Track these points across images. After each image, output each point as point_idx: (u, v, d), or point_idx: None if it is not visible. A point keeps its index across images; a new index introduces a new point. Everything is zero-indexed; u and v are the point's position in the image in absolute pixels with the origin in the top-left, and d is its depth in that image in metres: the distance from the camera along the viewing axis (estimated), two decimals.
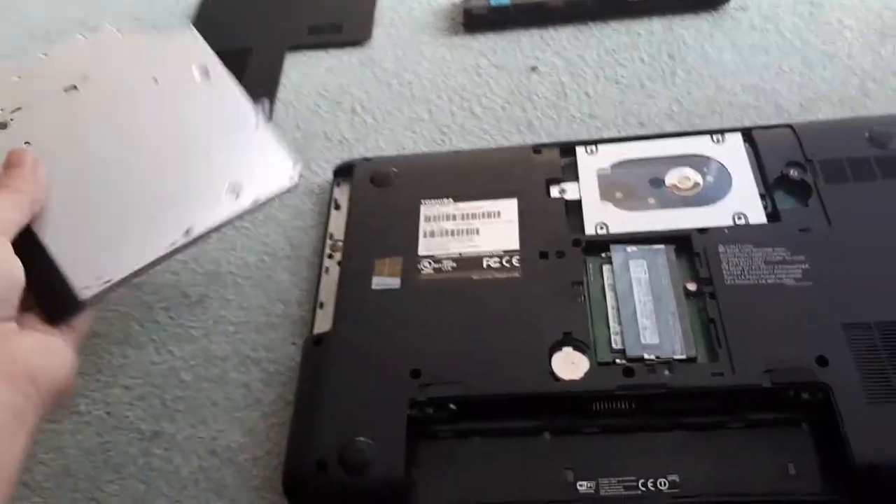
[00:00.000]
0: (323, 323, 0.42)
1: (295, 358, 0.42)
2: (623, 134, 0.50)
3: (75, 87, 0.38)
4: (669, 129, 0.50)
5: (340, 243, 0.45)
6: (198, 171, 0.37)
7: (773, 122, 0.49)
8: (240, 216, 0.37)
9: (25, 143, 0.36)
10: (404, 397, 0.37)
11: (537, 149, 0.47)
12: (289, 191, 0.37)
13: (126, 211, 0.36)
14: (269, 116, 0.41)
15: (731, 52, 0.53)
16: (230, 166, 0.37)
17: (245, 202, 0.36)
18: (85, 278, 0.34)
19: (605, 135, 0.50)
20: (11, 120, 0.37)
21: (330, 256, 0.45)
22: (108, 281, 0.34)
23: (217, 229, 0.36)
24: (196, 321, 0.45)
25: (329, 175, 0.50)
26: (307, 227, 0.48)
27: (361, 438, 0.36)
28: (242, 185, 0.36)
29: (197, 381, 0.42)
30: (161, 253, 0.35)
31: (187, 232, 0.35)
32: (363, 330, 0.40)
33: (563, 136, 0.51)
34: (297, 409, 0.38)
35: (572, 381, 0.37)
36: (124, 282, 0.35)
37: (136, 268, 0.35)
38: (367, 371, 0.38)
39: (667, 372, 0.36)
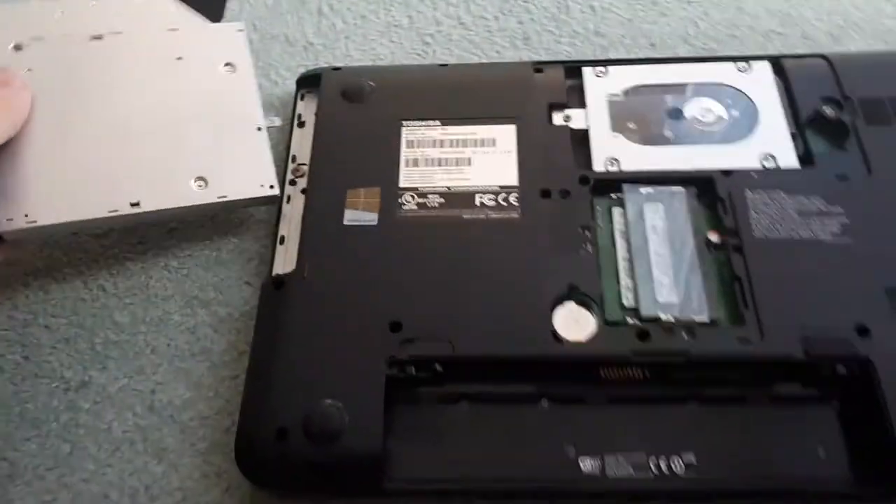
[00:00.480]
0: (284, 262, 0.35)
1: (250, 301, 0.36)
2: (632, 56, 0.44)
3: (100, 38, 0.38)
4: (684, 53, 0.44)
5: (305, 168, 0.38)
6: (175, 151, 0.36)
7: (799, 51, 0.43)
8: (205, 210, 0.36)
9: (28, 69, 0.37)
10: (382, 354, 0.31)
11: (538, 67, 0.40)
12: (267, 202, 0.37)
13: (86, 164, 0.35)
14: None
15: None
16: (210, 157, 0.37)
17: (209, 195, 0.36)
18: (12, 211, 0.34)
19: (613, 55, 0.44)
20: (29, 45, 0.37)
21: (293, 183, 0.38)
22: (33, 221, 0.34)
23: (175, 214, 0.36)
24: (132, 252, 0.38)
25: (290, 86, 0.43)
26: None
27: (330, 401, 0.30)
28: (215, 178, 0.36)
29: (133, 324, 0.36)
30: (99, 215, 0.34)
31: (136, 204, 0.35)
32: (333, 272, 0.34)
33: (565, 54, 0.44)
34: (253, 364, 0.32)
35: (578, 344, 0.32)
36: (54, 230, 0.35)
37: (67, 220, 0.34)
38: (337, 321, 0.32)
39: (686, 336, 0.32)
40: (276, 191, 0.36)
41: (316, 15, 0.47)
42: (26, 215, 0.33)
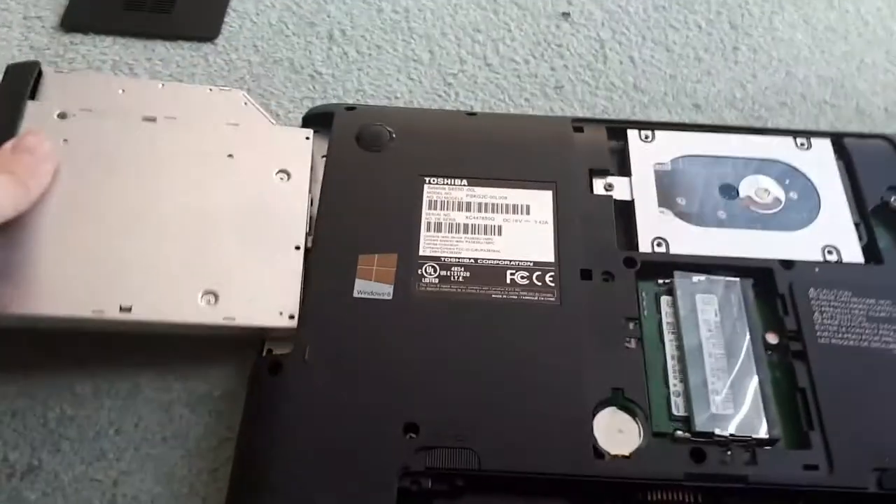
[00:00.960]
0: (280, 340, 0.30)
1: (235, 378, 0.31)
2: (675, 117, 0.40)
3: (153, 120, 0.34)
4: (731, 118, 0.40)
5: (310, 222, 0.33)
6: (193, 256, 0.31)
7: (854, 126, 0.40)
8: (203, 330, 0.30)
9: (64, 139, 0.32)
10: (394, 462, 0.27)
11: (579, 125, 0.36)
12: (282, 334, 0.30)
13: (88, 254, 0.30)
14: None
15: (803, 33, 0.44)
16: (231, 270, 0.31)
17: (215, 315, 0.30)
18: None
19: (654, 115, 0.40)
20: (74, 115, 0.33)
21: None
22: (6, 308, 0.29)
23: (168, 328, 0.30)
24: None
25: (294, 119, 0.38)
26: None
27: None
28: (227, 296, 0.30)
29: (95, 396, 0.30)
30: (82, 314, 0.29)
31: (127, 309, 0.29)
32: (339, 356, 0.29)
33: (601, 108, 0.40)
34: (240, 462, 0.27)
35: (622, 461, 0.28)
36: (26, 321, 0.29)
37: (44, 313, 0.29)
38: (342, 418, 0.27)
39: (746, 458, 0.28)
40: (295, 322, 0.30)
41: (326, 40, 0.42)
42: (11, 301, 0.29)
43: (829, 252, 0.33)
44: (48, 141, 0.31)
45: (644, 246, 0.33)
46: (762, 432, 0.28)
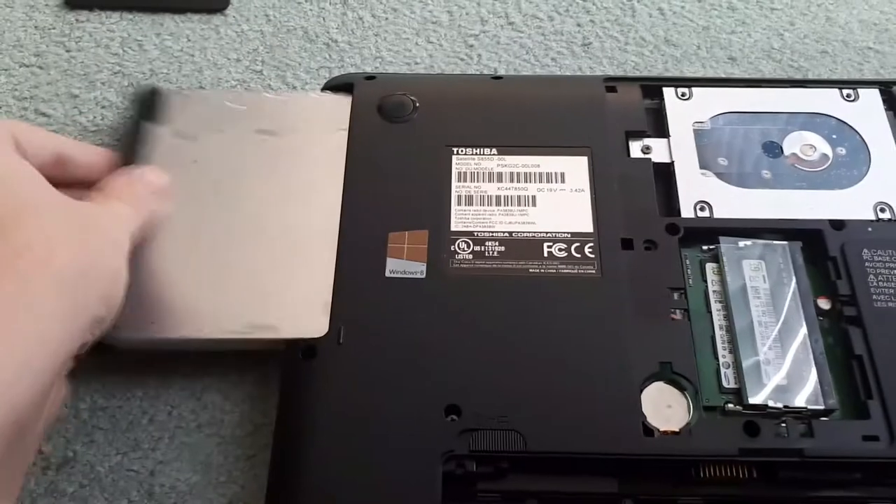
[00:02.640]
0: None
1: (268, 361, 0.30)
2: (709, 72, 0.38)
3: (273, 133, 0.34)
4: (768, 70, 0.39)
5: None
6: (318, 272, 0.30)
7: None
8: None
9: (194, 161, 0.33)
10: (437, 446, 0.26)
11: (611, 85, 0.35)
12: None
13: (225, 270, 0.30)
14: None
15: None
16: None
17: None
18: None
19: (687, 70, 0.38)
20: (197, 136, 0.33)
21: None
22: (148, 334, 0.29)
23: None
24: None
25: (311, 91, 0.37)
26: None
27: None
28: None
29: (127, 386, 0.30)
30: (226, 335, 0.29)
31: (272, 328, 0.29)
32: (374, 338, 0.28)
33: (632, 65, 0.39)
34: (278, 451, 0.27)
35: (672, 437, 0.27)
36: (169, 343, 0.29)
37: (191, 336, 0.29)
38: (380, 402, 0.27)
39: (802, 430, 0.27)
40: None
41: (340, 5, 0.40)
42: (153, 323, 0.29)
43: (882, 210, 0.32)
44: (164, 177, 0.30)
45: (686, 211, 0.31)
46: (817, 403, 0.27)
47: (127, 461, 0.29)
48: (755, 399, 0.27)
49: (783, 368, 0.28)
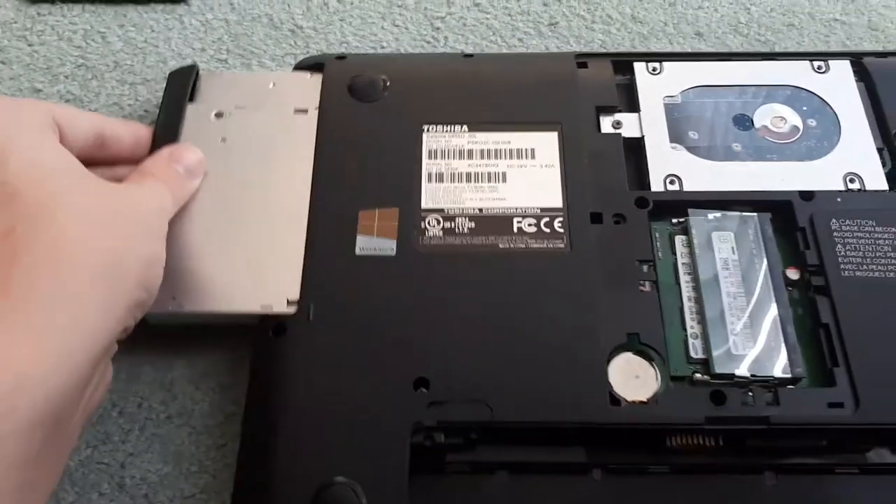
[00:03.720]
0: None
1: (238, 349, 0.31)
2: (676, 47, 0.39)
3: (305, 112, 0.34)
4: (735, 44, 0.39)
5: None
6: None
7: (867, 44, 0.39)
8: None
9: (223, 139, 0.33)
10: (405, 419, 0.27)
11: (582, 61, 0.35)
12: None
13: (253, 246, 0.31)
14: None
15: None
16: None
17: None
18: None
19: (654, 46, 0.39)
20: (230, 114, 0.34)
21: None
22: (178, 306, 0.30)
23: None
24: None
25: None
26: None
27: (343, 479, 0.26)
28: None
29: None
30: (251, 310, 0.30)
31: (294, 303, 0.29)
32: (344, 315, 0.29)
33: (598, 43, 0.39)
34: (248, 432, 0.28)
35: (640, 407, 0.27)
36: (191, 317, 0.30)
37: (216, 310, 0.30)
38: (350, 378, 0.27)
39: (768, 399, 0.28)
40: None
41: None
42: (174, 298, 0.29)
43: (852, 180, 0.32)
44: (200, 155, 0.31)
45: (656, 184, 0.32)
46: (783, 371, 0.28)
47: (97, 454, 0.29)
48: (722, 368, 0.28)
49: (751, 338, 0.28)
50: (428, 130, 0.33)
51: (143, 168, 0.29)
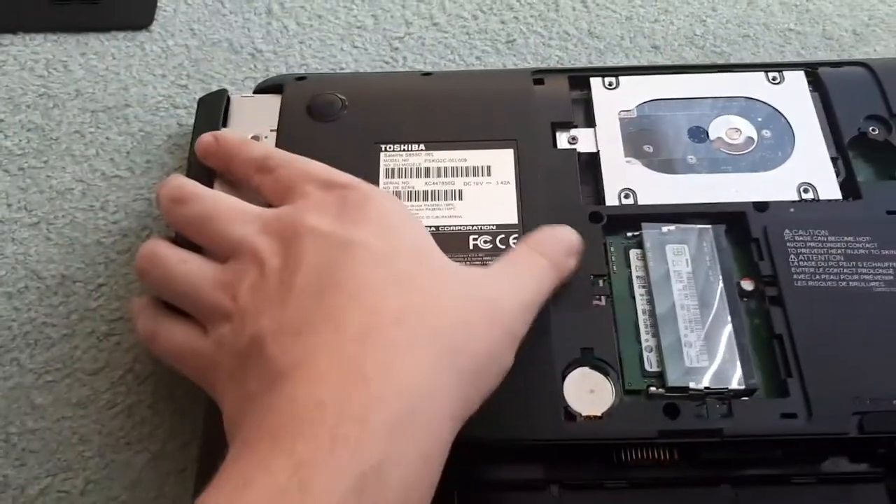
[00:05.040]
0: None
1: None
2: (633, 61, 0.40)
3: None
4: (691, 56, 0.40)
5: None
6: None
7: (821, 53, 0.40)
8: None
9: None
10: None
11: (539, 77, 0.36)
12: None
13: None
14: None
15: None
16: None
17: None
18: None
19: (611, 60, 0.40)
20: (266, 137, 0.34)
21: None
22: None
23: None
24: (52, 316, 0.33)
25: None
26: None
27: None
28: None
29: (57, 407, 0.31)
30: None
31: None
32: None
33: (556, 59, 0.40)
34: (206, 456, 0.28)
35: (594, 421, 0.28)
36: None
37: None
38: None
39: (721, 411, 0.28)
40: None
41: (265, 15, 0.41)
42: None
43: (805, 190, 0.33)
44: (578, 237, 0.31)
45: (611, 199, 0.32)
46: (737, 383, 0.28)
47: (58, 482, 0.29)
48: (675, 381, 0.28)
49: (705, 350, 0.29)
50: (385, 149, 0.33)
51: (532, 243, 0.29)
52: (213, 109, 0.35)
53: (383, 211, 0.27)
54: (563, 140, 0.34)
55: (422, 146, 0.34)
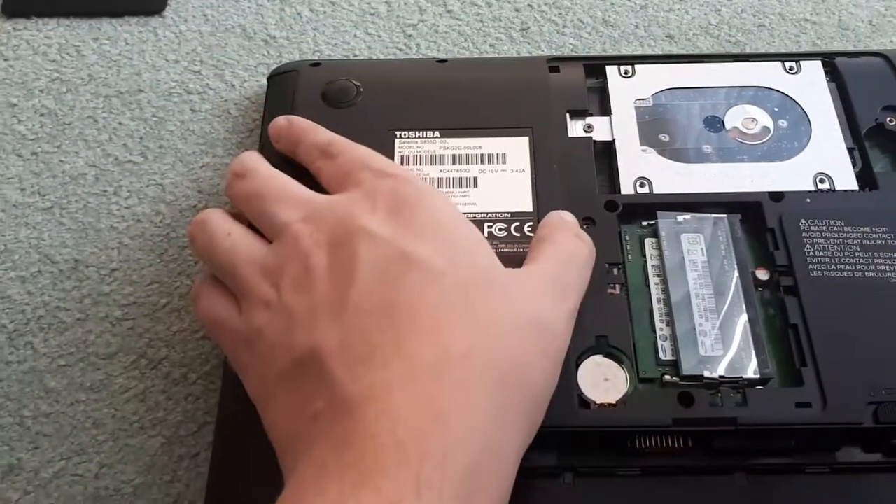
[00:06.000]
0: None
1: (211, 360, 0.31)
2: (647, 50, 0.40)
3: None
4: (706, 46, 0.40)
5: None
6: None
7: (837, 43, 0.40)
8: None
9: None
10: None
11: (554, 65, 0.36)
12: None
13: None
14: None
15: None
16: None
17: None
18: None
19: (625, 49, 0.40)
20: None
21: None
22: None
23: None
24: (66, 300, 0.33)
25: (250, 89, 0.38)
26: (221, 165, 0.36)
27: None
28: None
29: (70, 391, 0.31)
30: None
31: None
32: None
33: (570, 48, 0.40)
34: (220, 442, 0.28)
35: (608, 409, 0.28)
36: None
37: None
38: None
39: (736, 400, 0.28)
40: None
41: (278, 1, 0.41)
42: None
43: (822, 180, 0.33)
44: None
45: (626, 188, 0.33)
46: (752, 372, 0.28)
47: (71, 466, 0.30)
48: (690, 370, 0.28)
49: (720, 339, 0.29)
50: (400, 136, 0.34)
51: (554, 239, 0.29)
52: (284, 90, 0.35)
53: (437, 214, 0.27)
54: (577, 128, 0.34)
55: (436, 133, 0.34)
